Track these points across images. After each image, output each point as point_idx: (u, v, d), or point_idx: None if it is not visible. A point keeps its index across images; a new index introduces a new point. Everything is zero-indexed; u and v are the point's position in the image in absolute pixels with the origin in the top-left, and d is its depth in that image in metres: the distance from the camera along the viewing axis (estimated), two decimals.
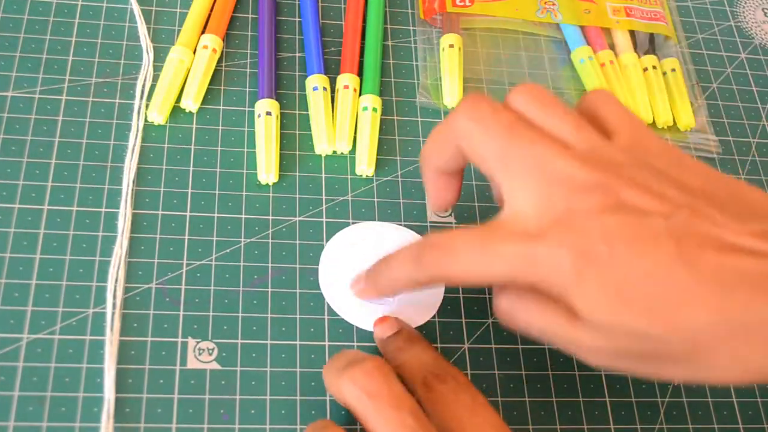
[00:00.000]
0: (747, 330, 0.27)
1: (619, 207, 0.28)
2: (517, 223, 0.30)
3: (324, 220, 0.40)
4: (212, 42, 0.44)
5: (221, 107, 0.43)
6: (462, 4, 0.48)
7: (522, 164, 0.30)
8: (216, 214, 0.40)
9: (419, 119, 0.45)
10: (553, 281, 0.29)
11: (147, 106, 0.42)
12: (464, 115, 0.32)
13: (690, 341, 0.28)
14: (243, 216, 0.40)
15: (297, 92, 0.44)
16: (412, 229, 0.41)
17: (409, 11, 0.49)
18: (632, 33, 0.50)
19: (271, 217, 0.40)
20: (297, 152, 0.42)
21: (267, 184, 0.41)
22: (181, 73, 0.43)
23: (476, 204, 0.42)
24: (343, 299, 0.38)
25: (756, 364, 0.28)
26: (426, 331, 0.38)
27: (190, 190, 0.40)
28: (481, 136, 0.31)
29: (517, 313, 0.32)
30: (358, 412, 0.30)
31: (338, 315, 0.38)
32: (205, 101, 0.43)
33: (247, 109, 0.43)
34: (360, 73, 0.45)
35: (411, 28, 0.48)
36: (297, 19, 0.47)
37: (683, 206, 0.28)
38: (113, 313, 0.36)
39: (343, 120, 0.43)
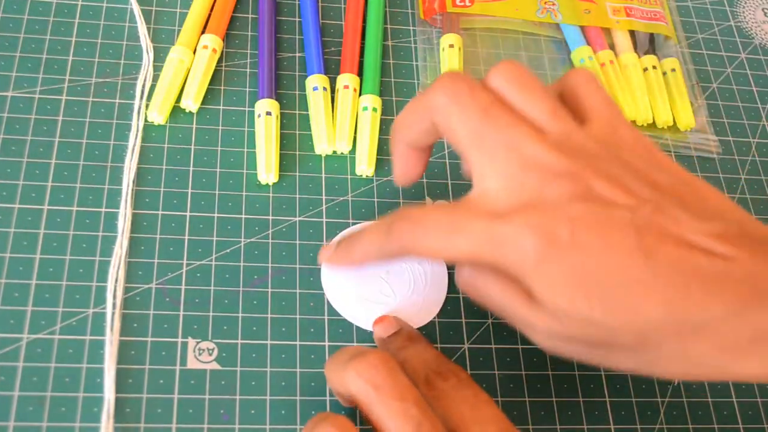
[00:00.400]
0: (696, 328, 0.28)
1: (587, 196, 0.29)
2: (485, 202, 0.30)
3: (324, 220, 0.40)
4: (212, 42, 0.44)
5: (221, 107, 0.43)
6: (462, 4, 0.48)
7: (495, 146, 0.30)
8: (216, 214, 0.40)
9: None
10: (514, 262, 0.29)
11: (147, 106, 0.42)
12: (441, 91, 0.32)
13: (640, 333, 0.28)
14: (243, 216, 0.40)
15: (297, 92, 0.44)
16: None
17: (409, 11, 0.49)
18: (632, 33, 0.50)
19: (271, 217, 0.40)
20: (297, 152, 0.42)
21: (267, 184, 0.41)
22: (181, 73, 0.43)
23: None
24: (346, 300, 0.38)
25: (701, 361, 0.29)
26: (426, 331, 0.38)
27: (190, 190, 0.40)
28: (457, 114, 0.31)
29: (477, 286, 0.32)
30: (362, 403, 0.30)
31: (339, 315, 0.38)
32: (205, 101, 0.43)
33: (247, 109, 0.43)
34: (360, 73, 0.45)
35: (411, 28, 0.48)
36: (297, 19, 0.47)
37: (649, 201, 0.29)
38: (113, 313, 0.36)
39: (343, 120, 0.43)
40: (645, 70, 0.48)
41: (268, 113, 0.42)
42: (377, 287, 0.38)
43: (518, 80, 0.32)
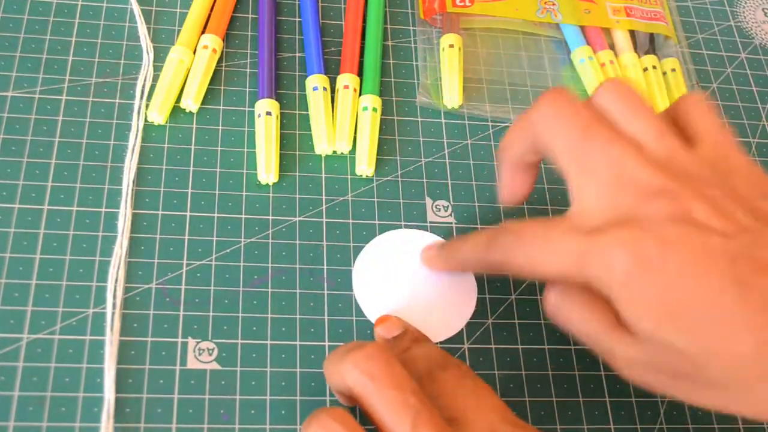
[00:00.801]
0: None
1: (684, 218, 0.28)
2: (580, 219, 0.30)
3: (324, 220, 0.40)
4: (212, 42, 0.44)
5: (221, 107, 0.43)
6: (462, 4, 0.48)
7: (593, 163, 0.30)
8: (216, 214, 0.40)
9: (419, 119, 0.45)
10: (602, 278, 0.28)
11: (147, 106, 0.42)
12: (544, 108, 0.32)
13: (730, 369, 0.27)
14: (243, 216, 0.40)
15: (297, 92, 0.44)
16: (411, 229, 0.41)
17: (409, 11, 0.49)
18: (632, 33, 0.50)
19: (271, 217, 0.40)
20: (297, 152, 0.42)
21: (267, 184, 0.41)
22: (181, 73, 0.43)
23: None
24: (376, 301, 0.38)
25: None
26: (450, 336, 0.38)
27: (190, 190, 0.40)
28: (557, 130, 0.31)
29: (563, 310, 0.32)
30: (360, 395, 0.30)
31: (339, 315, 0.38)
32: (205, 101, 0.43)
33: (247, 109, 0.43)
34: (360, 73, 0.45)
35: (411, 28, 0.48)
36: (297, 19, 0.47)
37: (748, 230, 0.27)
38: (113, 313, 0.36)
39: (343, 120, 0.43)
40: (645, 70, 0.48)
41: (268, 113, 0.42)
42: (408, 293, 0.38)
43: (626, 98, 0.31)
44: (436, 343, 0.37)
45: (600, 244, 0.28)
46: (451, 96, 0.45)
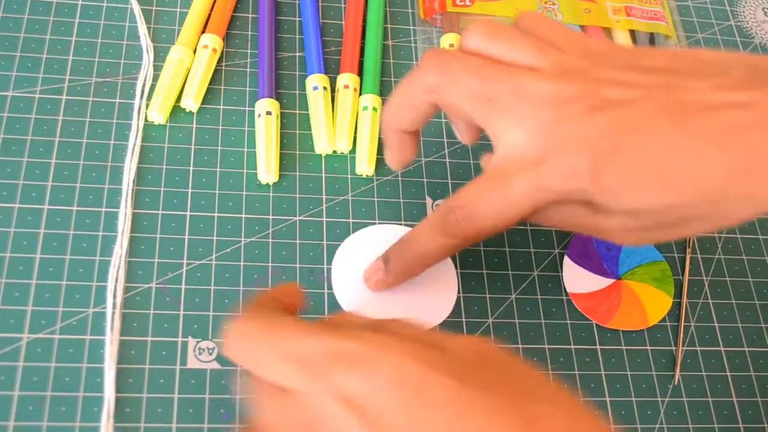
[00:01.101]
0: (751, 170, 0.29)
1: (603, 104, 0.30)
2: (519, 154, 0.31)
3: (324, 219, 0.40)
4: (212, 41, 0.44)
5: (221, 107, 0.43)
6: (462, 3, 0.48)
7: (502, 100, 0.31)
8: (216, 214, 0.40)
9: None
10: (574, 191, 0.30)
11: (147, 105, 0.42)
12: (430, 69, 0.33)
13: (709, 197, 0.30)
14: (243, 216, 0.40)
15: (297, 92, 0.44)
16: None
17: (409, 11, 0.49)
18: (632, 32, 0.50)
19: (271, 217, 0.40)
20: (297, 152, 0.42)
21: (267, 184, 0.41)
22: (181, 72, 0.43)
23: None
24: (356, 298, 0.38)
25: (765, 196, 0.30)
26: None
27: (190, 190, 0.40)
28: (453, 86, 0.32)
29: (550, 219, 0.33)
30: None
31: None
32: (205, 101, 0.43)
33: (247, 108, 0.43)
34: (360, 73, 0.45)
35: (411, 27, 0.48)
36: (297, 19, 0.47)
37: (656, 85, 0.30)
38: (113, 313, 0.36)
39: (343, 120, 0.43)
40: None
41: (269, 113, 0.42)
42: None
43: (494, 34, 0.33)
44: None
45: (556, 165, 0.30)
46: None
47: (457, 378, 0.25)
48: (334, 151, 0.43)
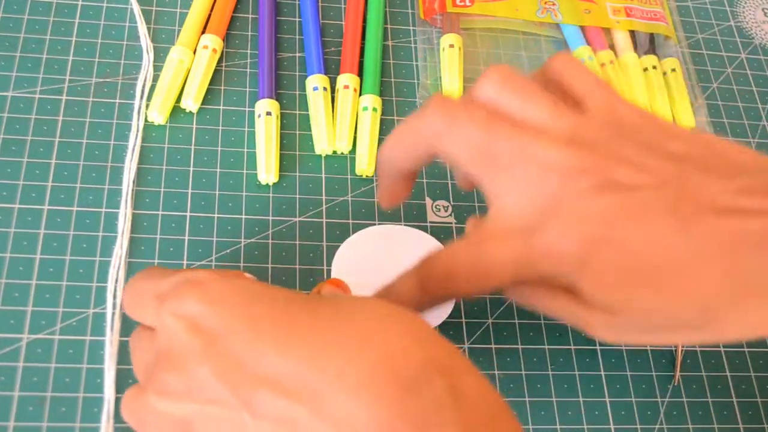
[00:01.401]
0: (754, 288, 0.27)
1: (611, 186, 0.28)
2: (510, 219, 0.29)
3: (324, 220, 0.40)
4: (212, 42, 0.44)
5: (221, 107, 0.43)
6: (462, 4, 0.48)
7: (504, 159, 0.29)
8: (216, 215, 0.40)
9: None
10: (558, 272, 0.29)
11: (147, 106, 0.42)
12: (435, 117, 0.31)
13: (701, 309, 0.28)
14: (243, 216, 0.40)
15: (297, 92, 0.44)
16: (411, 228, 0.41)
17: (409, 11, 0.49)
18: (632, 33, 0.50)
19: (271, 218, 0.40)
20: (297, 152, 0.42)
21: (267, 184, 0.41)
22: (181, 73, 0.43)
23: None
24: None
25: (765, 320, 0.28)
26: None
27: (190, 190, 0.40)
28: (456, 137, 0.30)
29: (529, 301, 0.32)
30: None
31: None
32: (205, 101, 0.43)
33: (247, 109, 0.43)
34: (360, 73, 0.45)
35: (411, 28, 0.48)
36: (297, 19, 0.47)
37: (671, 175, 0.28)
38: (113, 314, 0.36)
39: (343, 120, 0.43)
40: (645, 70, 0.48)
41: (268, 113, 0.42)
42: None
43: (509, 84, 0.30)
44: None
45: (543, 242, 0.28)
46: (452, 96, 0.45)
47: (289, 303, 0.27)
48: (334, 152, 0.43)
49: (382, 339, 0.25)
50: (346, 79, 0.44)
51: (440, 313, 0.38)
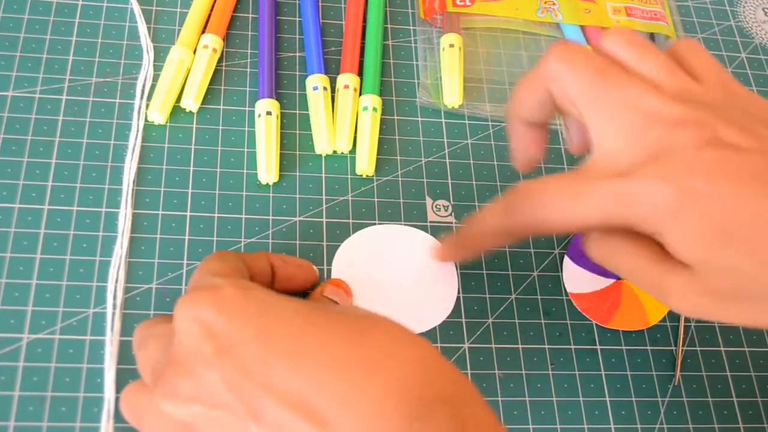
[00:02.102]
0: None
1: (716, 142, 0.28)
2: (609, 162, 0.30)
3: (324, 220, 0.40)
4: (212, 42, 0.44)
5: (221, 107, 0.43)
6: (462, 3, 0.48)
7: (613, 105, 0.30)
8: (216, 214, 0.40)
9: (419, 119, 0.45)
10: (649, 217, 0.28)
11: (147, 105, 0.42)
12: (555, 58, 0.32)
13: None
14: (243, 216, 0.40)
15: (297, 92, 0.44)
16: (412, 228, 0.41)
17: (410, 11, 0.49)
18: None
19: (271, 217, 0.40)
20: (297, 152, 0.42)
21: (267, 184, 0.41)
22: (181, 72, 0.43)
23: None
24: (356, 298, 0.38)
25: None
26: (427, 330, 0.38)
27: (190, 190, 0.40)
28: (572, 77, 0.31)
29: (608, 252, 0.32)
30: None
31: None
32: (205, 101, 0.43)
33: (247, 108, 0.43)
34: (360, 73, 0.45)
35: (411, 27, 0.48)
36: (297, 19, 0.47)
37: None
38: (113, 313, 0.36)
39: (343, 120, 0.43)
40: None
41: (269, 113, 0.42)
42: (389, 286, 0.38)
43: (631, 42, 0.31)
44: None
45: (639, 184, 0.28)
46: (452, 96, 0.45)
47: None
48: (334, 151, 0.43)
49: (391, 366, 0.25)
50: (346, 79, 0.44)
51: (441, 314, 0.39)
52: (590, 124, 0.31)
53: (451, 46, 0.46)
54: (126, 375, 0.35)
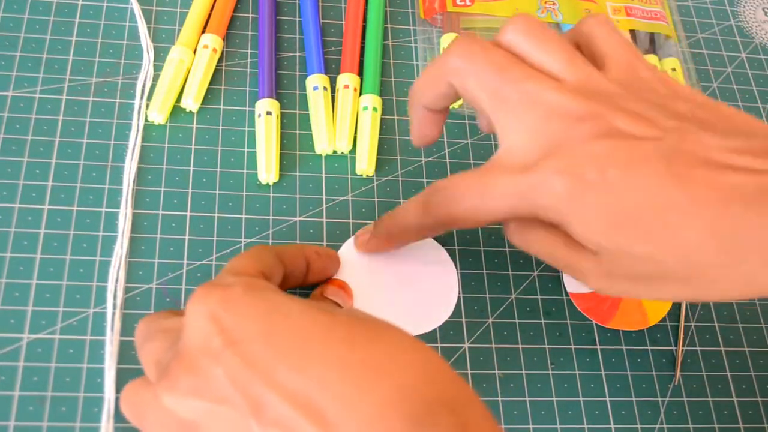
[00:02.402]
0: (742, 245, 0.27)
1: (611, 133, 0.29)
2: (512, 157, 0.31)
3: (324, 220, 0.40)
4: (212, 41, 0.44)
5: (221, 107, 0.43)
6: (462, 3, 0.48)
7: (514, 101, 0.31)
8: (216, 214, 0.40)
9: None
10: (550, 209, 0.30)
11: (147, 105, 0.42)
12: (456, 54, 0.32)
13: (687, 260, 0.28)
14: (243, 216, 0.40)
15: (297, 92, 0.44)
16: None
17: (410, 11, 0.49)
18: (632, 32, 0.50)
19: (271, 217, 0.40)
20: (297, 152, 0.42)
21: (267, 184, 0.41)
22: (181, 72, 0.43)
23: None
24: (356, 299, 0.38)
25: (754, 278, 0.28)
26: (427, 332, 0.38)
27: (190, 190, 0.40)
28: (473, 75, 0.32)
29: (523, 239, 0.33)
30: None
31: None
32: (205, 101, 0.43)
33: (247, 108, 0.43)
34: (360, 73, 0.45)
35: (411, 27, 0.48)
36: (297, 19, 0.47)
37: (672, 129, 0.29)
38: (114, 313, 0.36)
39: (344, 120, 0.43)
40: None
41: (269, 113, 0.42)
42: (390, 287, 0.38)
43: (531, 33, 0.32)
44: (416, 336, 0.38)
45: (538, 176, 0.29)
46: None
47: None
48: (334, 151, 0.43)
49: (394, 370, 0.26)
50: (347, 79, 0.44)
51: (442, 315, 0.39)
52: (493, 119, 0.32)
53: None
54: (126, 375, 0.35)
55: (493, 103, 0.31)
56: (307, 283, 0.37)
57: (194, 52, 0.44)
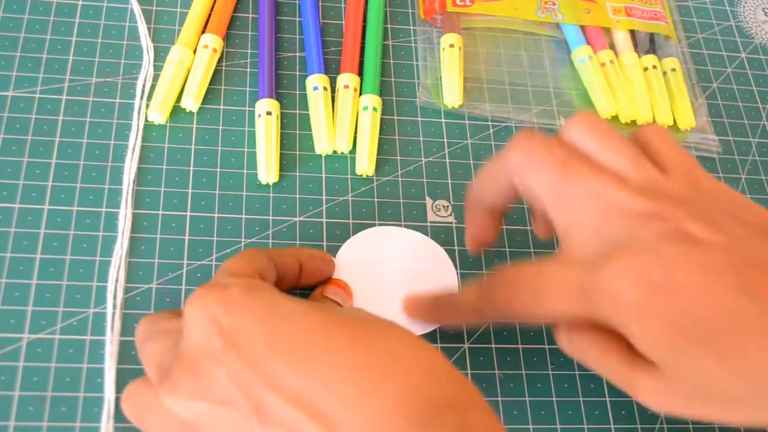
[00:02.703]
0: None
1: (678, 236, 0.27)
2: (572, 257, 0.30)
3: (324, 220, 0.40)
4: (212, 42, 0.44)
5: (221, 107, 0.43)
6: (462, 3, 0.48)
7: (576, 199, 0.30)
8: (216, 214, 0.40)
9: (419, 119, 0.45)
10: (611, 313, 0.28)
11: (147, 105, 0.42)
12: (518, 151, 0.31)
13: (759, 381, 0.26)
14: (243, 216, 0.40)
15: (297, 92, 0.44)
16: (412, 229, 0.40)
17: (410, 11, 0.49)
18: (632, 33, 0.50)
19: (271, 217, 0.40)
20: (297, 152, 0.42)
21: (267, 184, 0.41)
22: (181, 72, 0.43)
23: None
24: (356, 299, 0.38)
25: None
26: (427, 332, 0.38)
27: (190, 190, 0.40)
28: (534, 171, 0.31)
29: (576, 349, 0.31)
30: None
31: None
32: (205, 101, 0.43)
33: (247, 108, 0.43)
34: (360, 73, 0.45)
35: (411, 27, 0.48)
36: (297, 19, 0.47)
37: (743, 239, 0.27)
38: (114, 313, 0.36)
39: (343, 120, 0.43)
40: (645, 69, 0.48)
41: (269, 113, 0.42)
42: (389, 287, 0.38)
43: (595, 130, 0.31)
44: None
45: (603, 278, 0.28)
46: (452, 96, 0.45)
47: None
48: (334, 151, 0.43)
49: (398, 371, 0.25)
50: (347, 79, 0.44)
51: None
52: (554, 217, 0.31)
53: (451, 46, 0.46)
54: (126, 375, 0.35)
55: (553, 200, 0.30)
56: (301, 285, 0.36)
57: (194, 52, 0.44)
